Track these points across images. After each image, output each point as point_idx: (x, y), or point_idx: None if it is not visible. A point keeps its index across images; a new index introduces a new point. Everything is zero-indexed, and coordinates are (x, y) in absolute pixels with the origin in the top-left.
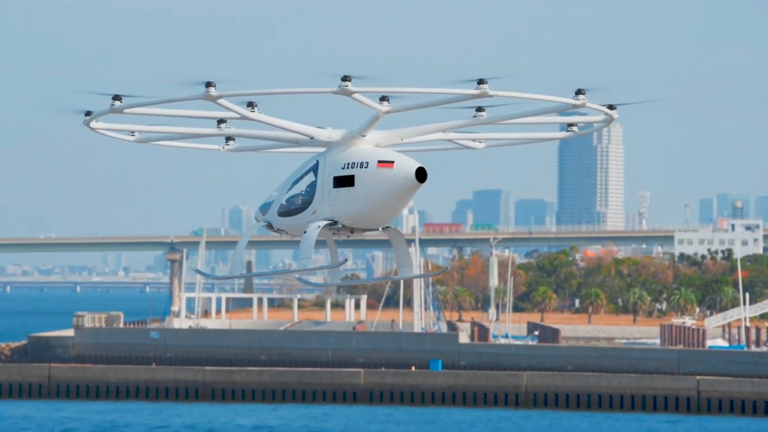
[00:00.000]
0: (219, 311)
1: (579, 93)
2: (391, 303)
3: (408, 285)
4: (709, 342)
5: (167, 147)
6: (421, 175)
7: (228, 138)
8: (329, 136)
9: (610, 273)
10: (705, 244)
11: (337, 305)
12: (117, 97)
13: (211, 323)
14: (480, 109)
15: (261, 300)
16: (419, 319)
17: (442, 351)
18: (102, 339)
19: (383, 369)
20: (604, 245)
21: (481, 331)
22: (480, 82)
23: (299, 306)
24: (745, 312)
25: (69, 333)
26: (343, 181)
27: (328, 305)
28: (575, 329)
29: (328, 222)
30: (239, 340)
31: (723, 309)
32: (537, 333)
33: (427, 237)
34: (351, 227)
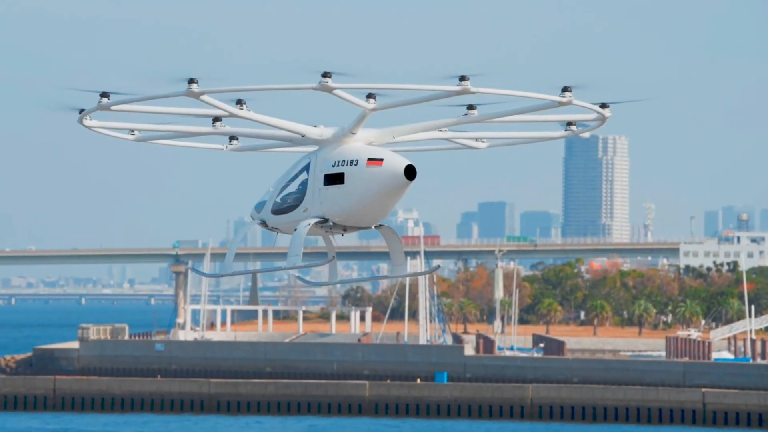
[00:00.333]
0: (224, 323)
1: (565, 90)
2: (397, 315)
3: (413, 297)
4: (715, 354)
5: (171, 149)
6: (410, 173)
7: (232, 138)
8: (321, 134)
9: (615, 285)
10: (710, 256)
11: (343, 317)
12: (105, 94)
13: (216, 335)
14: (471, 107)
15: (266, 312)
16: (424, 332)
17: (447, 363)
18: (107, 351)
19: (388, 381)
20: (609, 257)
21: (487, 344)
22: (462, 78)
23: (304, 318)
24: (751, 324)
25: (74, 345)
26: (334, 179)
27: (333, 317)
28: (580, 341)
29: (318, 220)
30: (244, 352)
31: (728, 321)
32: (542, 345)
33: (433, 249)
34: (343, 225)
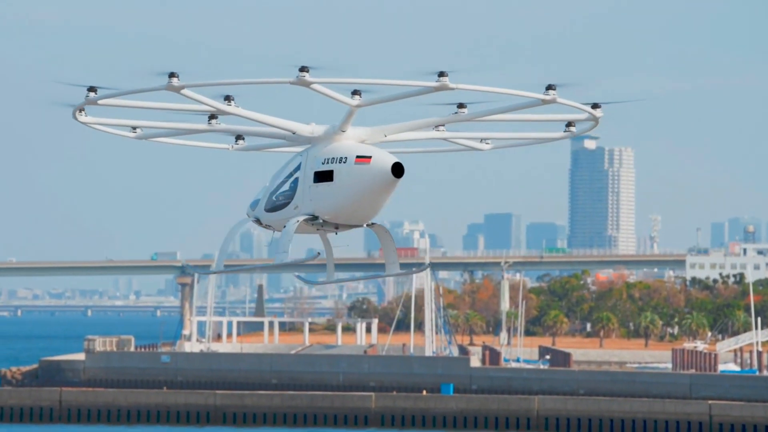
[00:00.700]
0: (230, 335)
1: (549, 88)
2: (402, 327)
3: (419, 309)
4: (721, 366)
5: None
6: (398, 171)
7: (238, 137)
8: (312, 131)
9: (621, 297)
10: (717, 268)
11: (348, 329)
12: (92, 89)
13: (222, 347)
14: (461, 106)
15: (272, 324)
16: (430, 343)
17: (453, 375)
18: (113, 363)
19: (394, 393)
20: (615, 269)
21: (493, 355)
22: (440, 74)
23: (310, 330)
24: (757, 336)
25: (80, 357)
26: (323, 176)
27: (339, 329)
28: (587, 353)
29: (307, 217)
30: (250, 363)
31: (735, 333)
32: (548, 357)
33: (439, 261)
34: (333, 223)
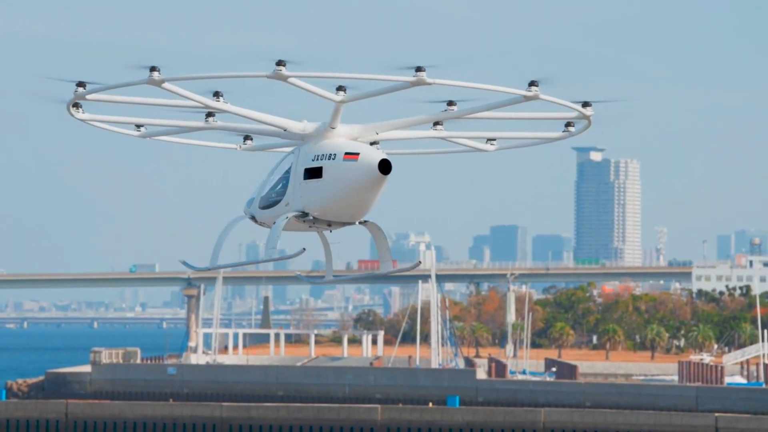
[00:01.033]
0: (236, 347)
1: (532, 84)
2: (408, 339)
3: (425, 321)
4: (728, 379)
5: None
6: (385, 168)
7: (246, 137)
8: (303, 128)
9: (627, 309)
10: (723, 280)
11: (354, 341)
12: (81, 84)
13: (228, 359)
14: (451, 103)
15: (278, 336)
16: (436, 355)
17: (459, 387)
18: (119, 375)
19: (400, 405)
20: (621, 281)
21: (499, 367)
22: (418, 69)
23: (316, 342)
24: (764, 349)
25: (86, 369)
26: (313, 173)
27: (345, 341)
28: (593, 365)
29: (296, 214)
30: (256, 375)
31: (741, 346)
32: (554, 369)
33: (445, 273)
34: (325, 220)
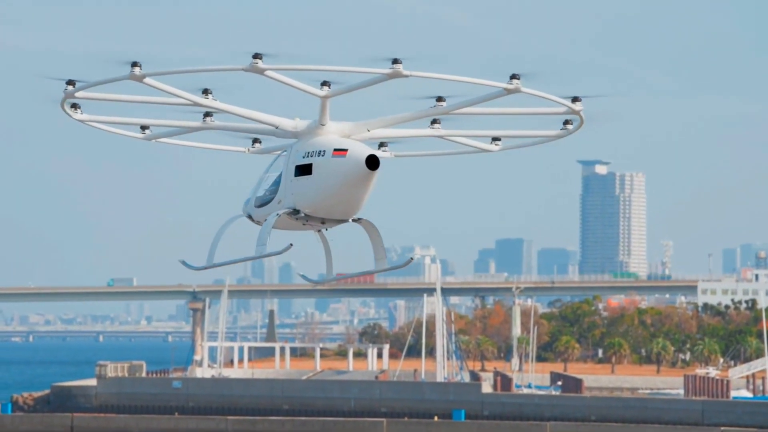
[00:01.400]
0: (241, 360)
1: (513, 78)
2: (414, 352)
3: (430, 334)
4: (734, 393)
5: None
6: (372, 163)
7: (255, 140)
8: (295, 126)
9: (633, 323)
10: (729, 294)
11: (360, 354)
12: (71, 82)
13: (234, 372)
14: (440, 99)
15: (283, 349)
16: (442, 369)
17: (465, 401)
18: (124, 388)
19: (406, 419)
20: (627, 295)
21: (504, 381)
22: (394, 61)
23: (321, 355)
24: None
25: (91, 382)
26: (303, 170)
27: (350, 354)
28: (598, 379)
29: (287, 211)
30: (262, 389)
31: (747, 359)
32: (560, 383)
33: (450, 286)
34: (318, 217)
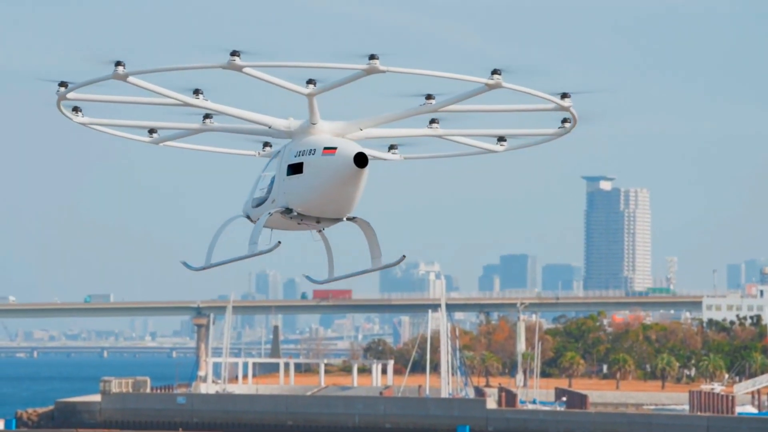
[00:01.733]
0: (245, 376)
1: (494, 73)
2: (418, 368)
3: (435, 350)
4: (739, 408)
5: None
6: (360, 161)
7: (265, 144)
8: (288, 125)
9: (638, 338)
10: (733, 310)
11: (364, 370)
12: (63, 84)
13: (238, 388)
14: (429, 97)
15: (288, 365)
16: (446, 385)
17: (469, 416)
18: (129, 404)
19: None
20: (631, 310)
21: (509, 397)
22: (371, 57)
23: (326, 371)
24: None
25: (96, 398)
26: (295, 169)
27: (354, 370)
28: (603, 395)
29: (279, 210)
30: (266, 405)
31: (752, 375)
32: (565, 399)
33: (455, 302)
34: (310, 215)
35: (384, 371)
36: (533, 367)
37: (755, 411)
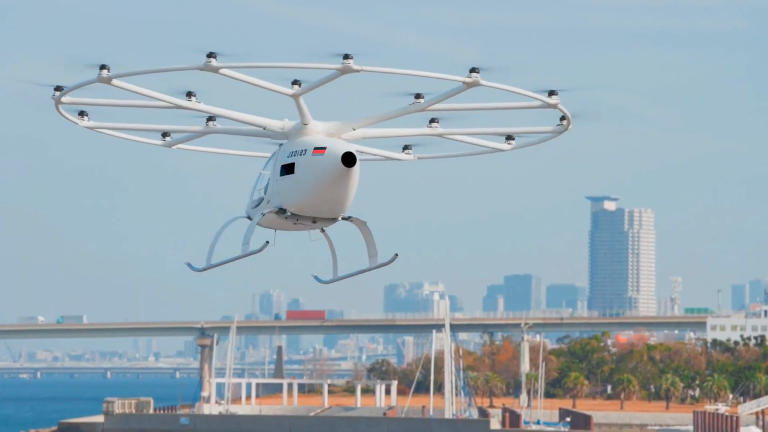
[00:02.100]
0: (249, 396)
1: (473, 71)
2: (422, 388)
3: (439, 370)
4: (743, 429)
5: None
6: (348, 160)
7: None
8: (283, 126)
9: (642, 359)
10: (738, 330)
11: (368, 391)
12: (58, 88)
13: (241, 409)
14: (418, 96)
15: (291, 385)
16: (450, 405)
17: None
18: (132, 425)
19: None
20: (636, 331)
21: (513, 418)
22: (345, 57)
23: (329, 391)
24: None
25: (99, 419)
26: (287, 169)
27: (358, 391)
28: (607, 416)
29: (272, 210)
30: (269, 425)
31: (756, 396)
32: (569, 419)
33: (459, 322)
34: (304, 215)
35: (388, 392)
36: (537, 388)
37: (759, 431)
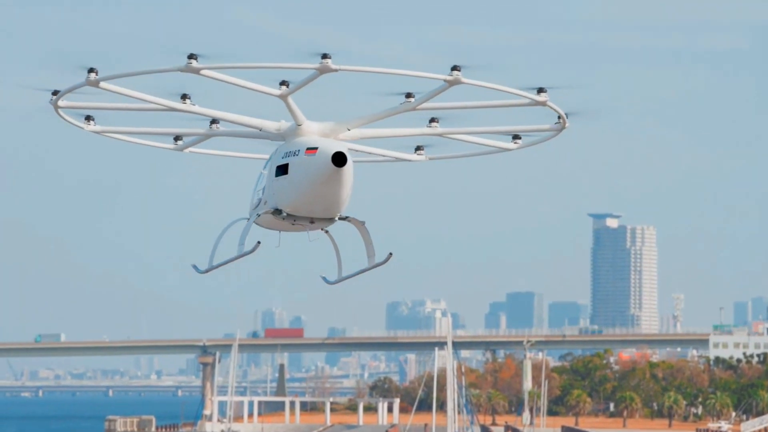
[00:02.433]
0: (251, 415)
1: (454, 69)
2: (424, 406)
3: (441, 388)
4: None
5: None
6: (338, 160)
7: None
8: (278, 128)
9: (644, 376)
10: (740, 347)
11: (370, 408)
12: (56, 93)
13: (243, 427)
14: (409, 96)
15: (293, 403)
16: (453, 423)
17: None
18: None
19: None
20: (638, 348)
21: None
22: (323, 56)
23: (332, 409)
24: None
25: None
26: (282, 170)
27: (360, 408)
28: None
29: (268, 210)
30: None
31: (759, 413)
32: None
33: (461, 340)
34: (300, 216)
35: (390, 409)
36: (540, 405)
37: None
